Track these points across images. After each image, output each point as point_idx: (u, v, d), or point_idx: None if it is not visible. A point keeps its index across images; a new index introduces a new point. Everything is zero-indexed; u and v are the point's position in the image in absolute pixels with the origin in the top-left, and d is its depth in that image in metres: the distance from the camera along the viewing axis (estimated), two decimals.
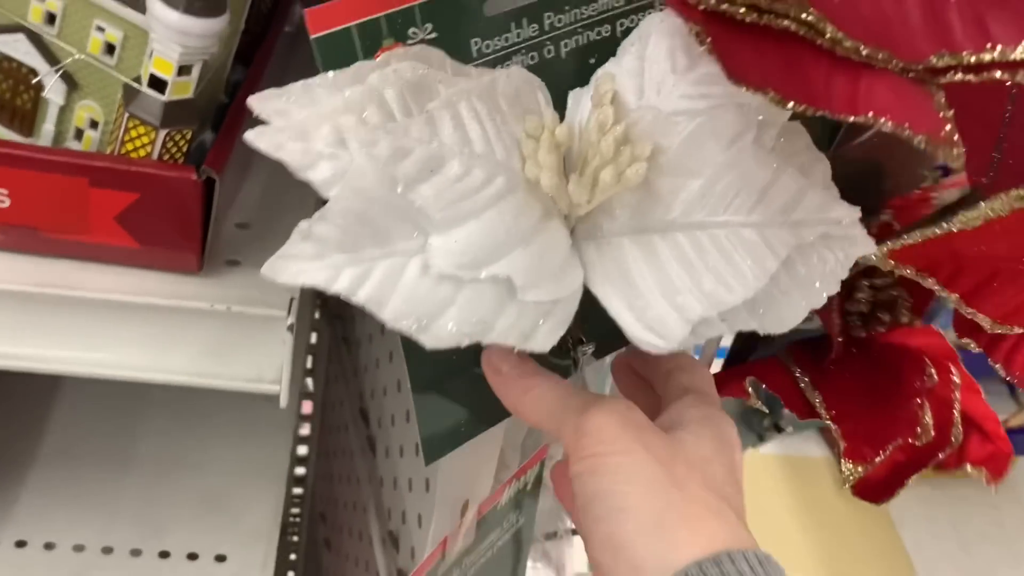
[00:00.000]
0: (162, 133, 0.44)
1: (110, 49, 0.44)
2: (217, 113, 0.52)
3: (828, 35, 0.33)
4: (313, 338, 1.01)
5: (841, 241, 0.40)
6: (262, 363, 0.47)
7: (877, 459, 0.53)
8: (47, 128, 0.47)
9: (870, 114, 0.32)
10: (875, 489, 0.57)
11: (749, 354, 0.63)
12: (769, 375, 0.58)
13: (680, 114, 0.39)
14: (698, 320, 0.38)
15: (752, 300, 0.38)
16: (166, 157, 0.45)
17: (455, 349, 0.37)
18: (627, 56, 0.41)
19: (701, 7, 0.34)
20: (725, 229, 0.39)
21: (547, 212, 0.39)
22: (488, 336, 0.36)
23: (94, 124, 0.46)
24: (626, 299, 0.39)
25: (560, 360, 0.45)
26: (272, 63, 0.57)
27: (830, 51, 0.33)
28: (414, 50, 0.38)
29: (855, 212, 0.40)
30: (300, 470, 1.13)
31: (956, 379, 0.52)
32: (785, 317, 0.40)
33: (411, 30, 0.39)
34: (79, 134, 0.47)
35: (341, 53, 0.38)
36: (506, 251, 0.37)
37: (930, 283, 0.47)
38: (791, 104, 0.32)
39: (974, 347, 0.50)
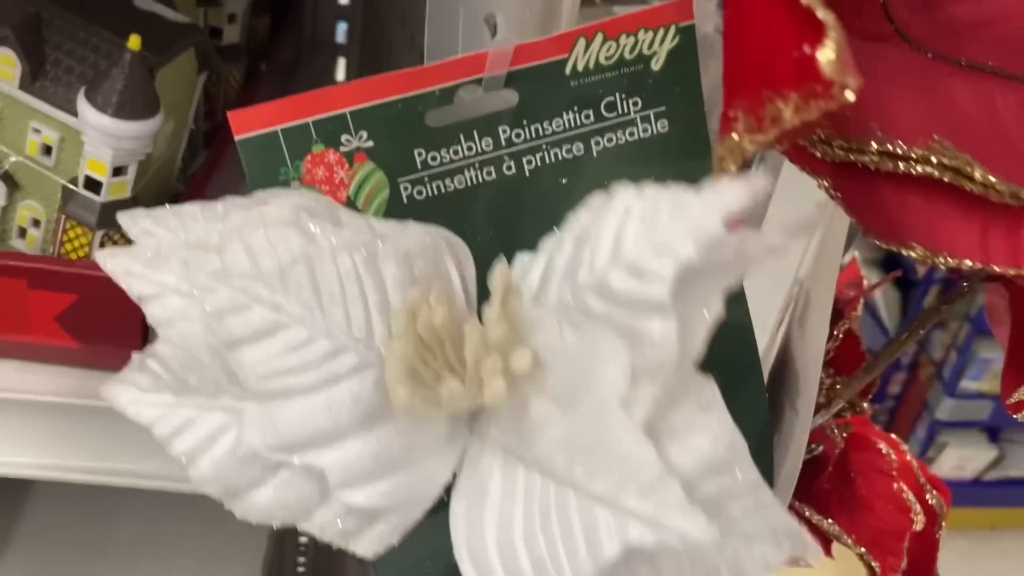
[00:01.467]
0: (99, 234, 0.44)
1: (47, 151, 0.44)
2: (173, 203, 0.51)
3: (978, 179, 0.28)
4: None
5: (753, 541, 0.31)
6: None
7: (903, 563, 0.50)
8: None
9: None
10: None
11: None
12: None
13: (578, 326, 0.32)
14: None
15: None
16: None
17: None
18: (568, 232, 0.35)
19: (828, 159, 0.29)
20: (575, 492, 0.31)
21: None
22: (305, 524, 0.33)
23: (36, 223, 0.46)
24: (467, 522, 0.33)
25: None
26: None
27: (982, 197, 0.28)
28: (296, 194, 0.35)
29: (707, 530, 0.28)
30: (303, 538, 1.12)
31: (902, 444, 0.49)
32: None
33: (344, 137, 0.37)
34: (22, 233, 0.46)
35: (267, 156, 0.37)
36: (331, 440, 0.32)
37: None
38: (941, 259, 0.28)
39: None
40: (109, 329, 0.45)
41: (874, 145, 0.29)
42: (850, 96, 0.22)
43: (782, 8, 0.23)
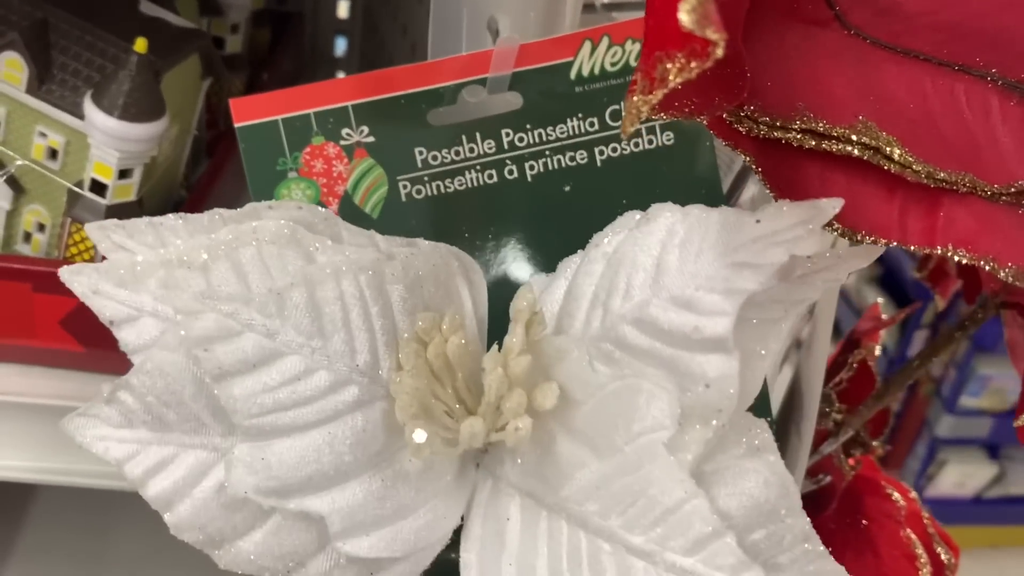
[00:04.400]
0: None
1: (53, 154, 0.44)
2: (175, 209, 0.51)
3: (897, 159, 0.29)
4: None
5: None
6: None
7: None
8: None
9: (949, 246, 0.28)
10: None
11: None
12: None
13: (609, 358, 0.30)
14: None
15: None
16: None
17: None
18: (595, 250, 0.32)
19: (752, 134, 0.29)
20: (610, 543, 0.29)
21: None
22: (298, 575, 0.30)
23: (41, 227, 0.46)
24: (481, 573, 0.30)
25: None
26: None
27: (901, 177, 0.29)
28: (292, 206, 0.32)
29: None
30: None
31: (912, 493, 0.49)
32: None
33: (344, 131, 0.37)
34: (27, 237, 0.46)
35: (266, 146, 0.37)
36: (331, 483, 0.29)
37: None
38: (860, 236, 0.29)
39: None
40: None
41: (798, 123, 0.29)
42: (719, 53, 0.22)
43: None
